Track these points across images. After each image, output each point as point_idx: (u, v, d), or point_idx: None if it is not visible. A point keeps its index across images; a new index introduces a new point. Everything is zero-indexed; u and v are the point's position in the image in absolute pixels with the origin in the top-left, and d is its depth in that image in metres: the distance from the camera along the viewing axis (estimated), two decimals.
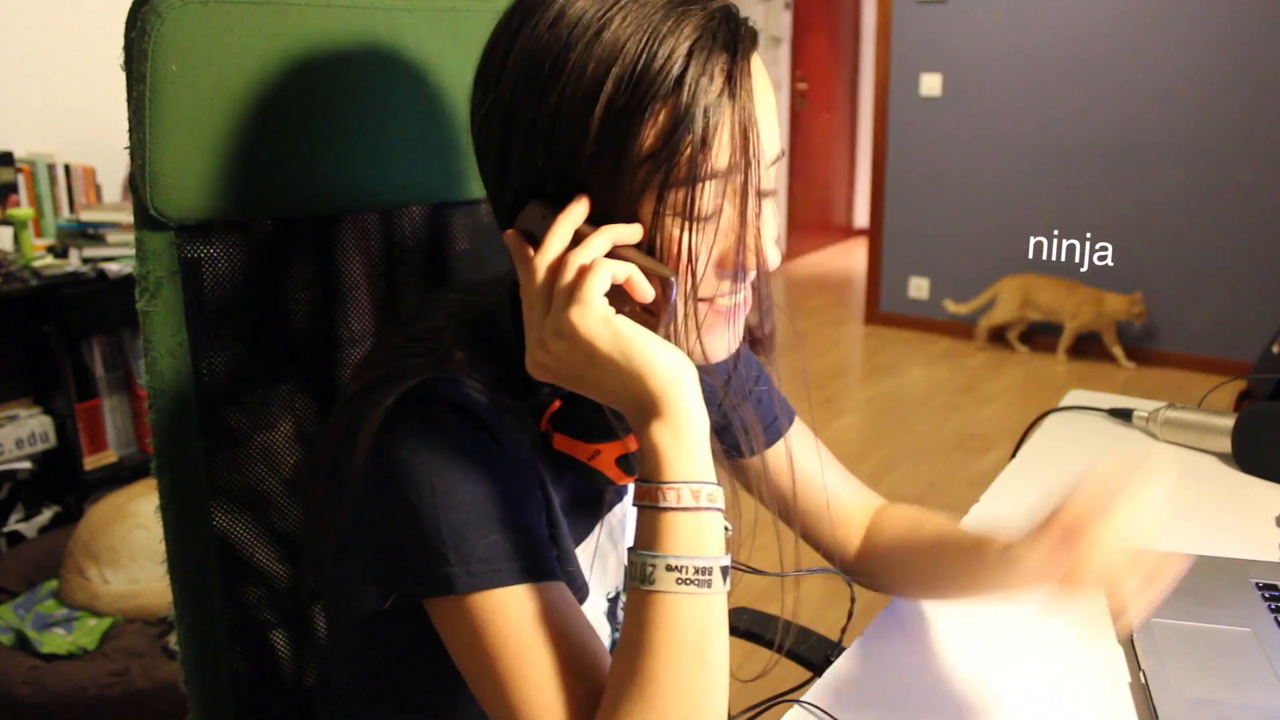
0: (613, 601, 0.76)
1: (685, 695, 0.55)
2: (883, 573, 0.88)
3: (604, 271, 0.56)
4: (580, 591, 0.70)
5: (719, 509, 0.58)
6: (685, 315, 0.60)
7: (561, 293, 0.57)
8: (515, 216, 0.61)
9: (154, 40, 0.66)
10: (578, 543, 0.71)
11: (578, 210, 0.58)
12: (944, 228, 4.58)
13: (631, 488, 0.73)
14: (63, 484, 2.32)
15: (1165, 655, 0.78)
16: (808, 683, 0.81)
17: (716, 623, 0.57)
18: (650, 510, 0.57)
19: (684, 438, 0.57)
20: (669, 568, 0.55)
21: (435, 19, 0.83)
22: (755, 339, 0.76)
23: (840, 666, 0.80)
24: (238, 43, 0.70)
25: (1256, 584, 0.88)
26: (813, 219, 6.61)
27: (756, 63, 0.59)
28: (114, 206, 2.43)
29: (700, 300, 0.61)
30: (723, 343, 0.65)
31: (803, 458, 0.88)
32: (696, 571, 0.56)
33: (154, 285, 0.73)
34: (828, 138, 6.58)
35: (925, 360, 4.36)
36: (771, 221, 0.62)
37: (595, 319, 0.56)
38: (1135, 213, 4.07)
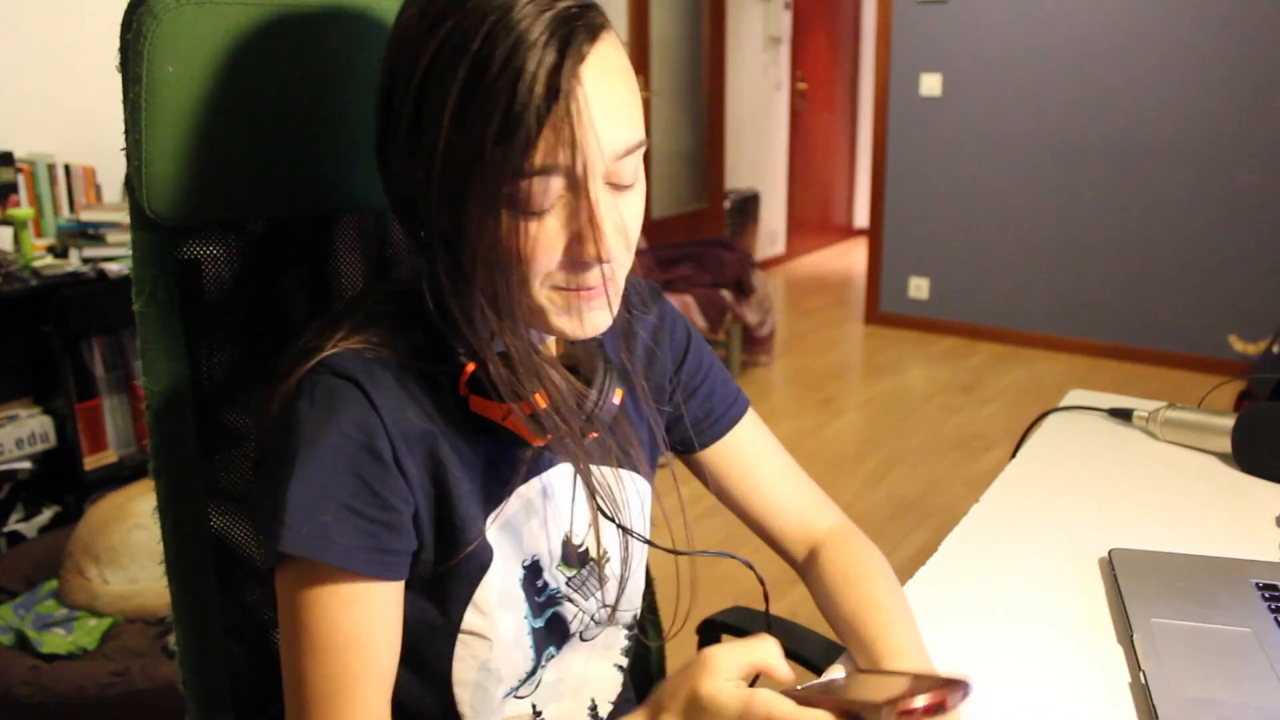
0: (529, 569, 0.74)
1: None
2: (819, 607, 0.88)
3: None
4: (483, 554, 0.71)
5: None
6: (543, 300, 0.64)
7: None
8: (407, 211, 0.65)
9: (149, 41, 0.66)
10: (489, 509, 0.71)
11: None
12: (944, 228, 4.58)
13: (562, 465, 0.75)
14: (63, 484, 2.32)
15: (1165, 655, 0.77)
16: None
17: None
18: None
19: None
20: None
21: None
22: (755, 339, 0.76)
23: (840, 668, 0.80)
24: (233, 44, 0.70)
25: (1256, 584, 0.88)
26: (812, 219, 6.61)
27: (603, 52, 0.59)
28: (114, 206, 2.43)
29: (556, 289, 0.63)
30: (599, 318, 0.66)
31: (750, 454, 0.89)
32: None
33: (150, 286, 0.73)
34: (828, 138, 6.58)
35: (925, 360, 4.36)
36: (615, 211, 0.63)
37: None
38: (1136, 213, 4.07)
